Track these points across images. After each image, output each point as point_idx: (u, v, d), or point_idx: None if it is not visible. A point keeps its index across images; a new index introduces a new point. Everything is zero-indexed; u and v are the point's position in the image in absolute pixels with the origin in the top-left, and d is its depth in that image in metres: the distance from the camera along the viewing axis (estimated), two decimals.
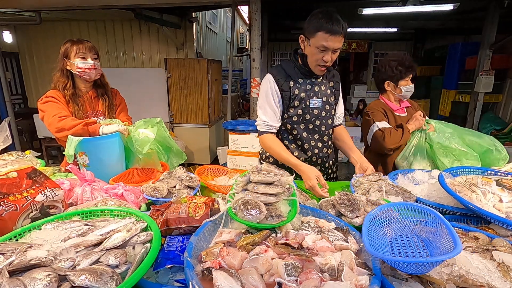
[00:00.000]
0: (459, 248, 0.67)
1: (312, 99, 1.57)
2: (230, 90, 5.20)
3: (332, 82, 1.65)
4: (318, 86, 1.58)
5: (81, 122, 1.56)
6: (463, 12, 5.84)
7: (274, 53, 10.07)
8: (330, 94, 1.62)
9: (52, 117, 1.58)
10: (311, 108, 1.58)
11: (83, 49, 1.68)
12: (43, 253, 0.71)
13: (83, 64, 1.68)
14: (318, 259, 0.76)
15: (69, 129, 1.54)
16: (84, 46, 1.69)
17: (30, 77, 6.23)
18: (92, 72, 1.72)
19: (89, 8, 4.57)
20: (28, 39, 5.94)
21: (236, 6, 4.93)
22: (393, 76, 1.87)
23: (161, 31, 5.63)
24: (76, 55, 1.68)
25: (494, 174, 1.33)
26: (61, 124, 1.56)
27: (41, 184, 1.06)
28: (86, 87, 1.79)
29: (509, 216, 1.03)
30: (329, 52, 1.42)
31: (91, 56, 1.71)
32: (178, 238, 0.93)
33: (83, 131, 1.54)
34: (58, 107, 1.64)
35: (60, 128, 1.56)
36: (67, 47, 1.69)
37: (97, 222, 0.90)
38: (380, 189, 1.26)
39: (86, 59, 1.69)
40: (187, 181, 1.34)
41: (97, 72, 1.74)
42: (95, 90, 1.82)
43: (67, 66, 1.70)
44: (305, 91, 1.56)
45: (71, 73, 1.72)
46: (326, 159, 1.73)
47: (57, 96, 1.68)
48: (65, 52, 1.69)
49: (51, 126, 1.59)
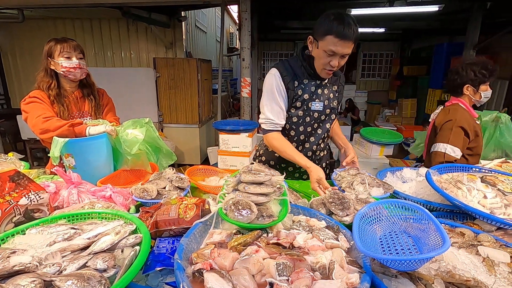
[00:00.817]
0: (448, 244, 0.68)
1: (314, 102, 1.52)
2: (220, 90, 5.18)
3: (336, 86, 1.61)
4: (321, 89, 1.54)
5: (67, 123, 1.51)
6: (448, 13, 5.99)
7: (264, 52, 10.10)
8: (332, 98, 1.58)
9: (36, 118, 1.53)
10: (312, 111, 1.54)
11: (67, 48, 1.63)
12: (27, 258, 0.69)
13: (68, 64, 1.63)
14: (309, 258, 0.77)
15: (54, 130, 1.50)
16: (68, 45, 1.64)
17: (13, 77, 6.04)
18: (77, 72, 1.67)
19: (74, 6, 4.47)
20: (11, 38, 5.76)
21: (226, 5, 4.92)
22: (475, 79, 1.80)
23: (149, 30, 5.55)
24: (60, 54, 1.62)
25: (478, 171, 1.36)
26: (45, 125, 1.51)
27: (24, 187, 1.02)
28: (72, 87, 1.74)
29: (493, 211, 1.06)
30: (337, 57, 1.36)
31: (76, 55, 1.66)
32: (168, 240, 0.92)
33: (68, 132, 1.50)
34: (42, 107, 1.59)
35: (45, 129, 1.51)
36: (51, 45, 1.64)
37: (84, 226, 0.88)
38: (363, 182, 1.30)
39: (70, 58, 1.64)
40: (177, 182, 1.33)
41: (82, 71, 1.69)
42: (81, 90, 1.77)
43: (51, 66, 1.65)
44: (308, 93, 1.51)
45: (56, 72, 1.67)
46: (319, 161, 1.74)
47: (41, 97, 1.62)
48: (48, 51, 1.64)
49: (35, 128, 1.54)
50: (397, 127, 6.81)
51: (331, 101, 1.58)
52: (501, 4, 5.05)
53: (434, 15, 6.13)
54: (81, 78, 1.73)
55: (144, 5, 4.61)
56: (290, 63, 1.53)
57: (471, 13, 5.30)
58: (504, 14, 5.24)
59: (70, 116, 1.70)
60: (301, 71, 1.51)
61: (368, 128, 4.07)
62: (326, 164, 1.82)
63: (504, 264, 0.80)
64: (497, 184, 1.18)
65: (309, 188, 1.53)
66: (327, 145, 1.82)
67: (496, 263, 0.80)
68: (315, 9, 7.83)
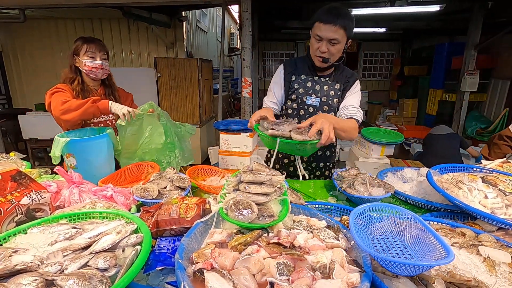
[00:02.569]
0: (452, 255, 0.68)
1: (310, 96, 1.57)
2: (221, 90, 5.19)
3: (339, 84, 1.58)
4: (319, 85, 1.58)
5: (88, 100, 1.54)
6: (448, 13, 5.98)
7: (265, 52, 10.10)
8: (333, 95, 1.58)
9: (56, 102, 1.58)
10: (307, 105, 1.58)
11: (92, 48, 1.70)
12: (29, 257, 0.69)
13: (91, 63, 1.70)
14: (310, 257, 0.77)
15: (76, 109, 1.52)
16: (94, 45, 1.72)
17: (15, 77, 6.06)
18: (99, 72, 1.74)
19: (75, 6, 4.48)
20: (12, 38, 5.77)
21: (227, 5, 4.92)
22: None
23: (150, 30, 5.56)
24: (85, 54, 1.69)
25: (479, 171, 1.36)
26: (65, 106, 1.53)
27: (26, 186, 1.03)
28: (94, 85, 1.82)
29: (494, 212, 1.06)
30: (323, 42, 1.42)
31: (100, 56, 1.74)
32: (169, 240, 0.92)
33: (93, 108, 1.55)
34: (65, 95, 1.64)
35: (65, 109, 1.53)
36: (78, 44, 1.71)
37: (85, 225, 0.88)
38: (364, 182, 1.30)
39: (94, 58, 1.71)
40: (178, 182, 1.33)
41: (104, 72, 1.77)
42: (104, 89, 1.85)
43: (76, 63, 1.72)
44: (304, 87, 1.58)
45: (79, 70, 1.74)
46: (313, 158, 1.72)
47: (66, 88, 1.68)
48: (75, 49, 1.71)
49: (55, 110, 1.56)
50: (398, 127, 6.81)
51: (331, 98, 1.58)
52: (502, 4, 5.04)
53: (435, 15, 6.12)
54: (102, 77, 1.80)
55: (145, 5, 4.62)
56: (297, 59, 1.65)
57: (472, 13, 5.29)
58: (505, 14, 5.23)
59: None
60: (303, 67, 1.60)
61: (369, 128, 4.07)
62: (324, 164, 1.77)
63: (505, 264, 0.80)
64: (498, 184, 1.18)
65: (309, 188, 1.54)
66: (331, 148, 1.77)
67: (497, 263, 0.80)
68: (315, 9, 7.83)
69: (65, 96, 1.62)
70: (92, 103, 1.55)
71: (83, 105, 1.53)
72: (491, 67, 5.94)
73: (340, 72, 1.60)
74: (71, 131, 1.62)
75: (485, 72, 5.84)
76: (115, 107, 1.59)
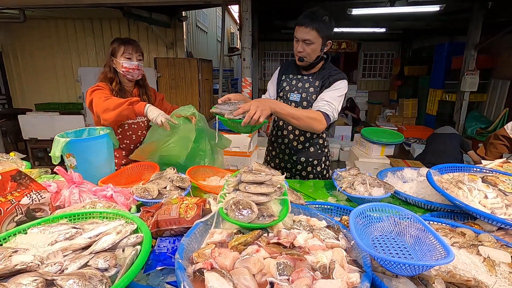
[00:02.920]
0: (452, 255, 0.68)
1: (293, 93, 1.72)
2: (221, 90, 5.19)
3: (318, 82, 1.64)
4: (302, 83, 1.71)
5: (126, 101, 1.56)
6: (449, 13, 5.98)
7: (265, 52, 10.09)
8: (312, 92, 1.66)
9: (98, 99, 1.61)
10: (290, 101, 1.72)
11: (129, 49, 1.73)
12: (29, 257, 0.69)
13: (128, 64, 1.73)
14: (310, 257, 0.77)
15: (114, 108, 1.56)
16: (131, 46, 1.74)
17: (15, 77, 6.06)
18: (135, 73, 1.77)
19: (76, 6, 4.48)
20: (12, 38, 5.77)
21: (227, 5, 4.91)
22: None
23: (150, 30, 5.56)
24: (122, 55, 1.73)
25: (479, 172, 1.36)
26: (105, 104, 1.57)
27: (26, 186, 1.03)
28: (129, 86, 1.85)
29: (494, 212, 1.06)
30: (300, 43, 1.55)
31: (137, 57, 1.76)
32: (169, 240, 0.92)
33: (128, 111, 1.57)
34: (106, 93, 1.68)
35: (105, 108, 1.57)
36: (115, 46, 1.74)
37: (85, 225, 0.88)
38: (364, 182, 1.29)
39: (131, 59, 1.74)
40: (178, 182, 1.33)
41: (139, 72, 1.80)
42: (138, 89, 1.88)
43: (113, 64, 1.76)
44: (289, 85, 1.74)
45: (116, 70, 1.77)
46: (295, 152, 1.80)
47: (106, 87, 1.72)
48: (112, 50, 1.75)
49: (98, 107, 1.60)
50: (398, 127, 6.80)
51: (310, 94, 1.68)
52: (502, 4, 5.04)
53: (435, 15, 6.12)
54: (138, 78, 1.83)
55: (145, 5, 4.62)
56: (291, 61, 1.79)
57: (472, 13, 5.29)
58: (505, 14, 5.23)
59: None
60: (292, 67, 1.76)
61: (369, 128, 4.07)
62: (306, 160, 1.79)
63: (505, 264, 0.80)
64: (498, 184, 1.18)
65: (309, 188, 1.54)
66: (316, 144, 1.80)
67: (497, 263, 0.80)
68: None
69: (104, 93, 1.65)
70: (128, 105, 1.56)
71: (120, 106, 1.55)
72: (491, 67, 5.94)
73: (323, 71, 1.67)
74: (71, 131, 1.62)
75: (485, 72, 5.84)
76: (151, 113, 1.58)
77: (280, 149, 1.85)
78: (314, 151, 1.80)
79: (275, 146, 1.89)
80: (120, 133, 1.82)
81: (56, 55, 5.86)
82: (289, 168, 1.85)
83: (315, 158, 1.81)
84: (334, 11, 7.70)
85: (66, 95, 6.19)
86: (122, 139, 1.84)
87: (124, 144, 1.85)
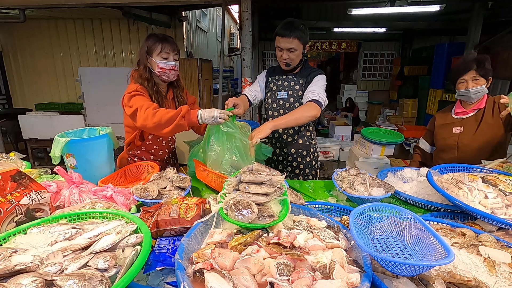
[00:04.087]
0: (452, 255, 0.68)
1: (280, 92, 1.88)
2: (221, 90, 5.18)
3: (302, 79, 1.84)
4: (287, 82, 1.88)
5: (178, 115, 1.41)
6: (449, 13, 5.98)
7: (265, 52, 10.08)
8: (298, 89, 1.85)
9: (146, 111, 1.44)
10: (278, 99, 1.90)
11: (167, 47, 1.57)
12: (28, 258, 0.69)
13: (164, 64, 1.58)
14: (310, 258, 0.77)
15: (166, 124, 1.41)
16: (169, 44, 1.58)
17: (15, 77, 6.06)
18: (172, 73, 1.63)
19: (76, 6, 4.47)
20: (12, 38, 5.77)
21: (226, 5, 4.91)
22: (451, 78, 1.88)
23: (150, 30, 5.56)
24: (159, 54, 1.57)
25: (479, 172, 1.36)
26: (157, 118, 1.42)
27: (26, 186, 1.03)
28: (163, 87, 1.71)
29: (494, 212, 1.06)
30: (284, 51, 1.72)
31: (173, 56, 1.61)
32: (169, 240, 0.92)
33: (182, 125, 1.43)
34: (148, 100, 1.54)
35: (157, 123, 1.42)
36: (150, 44, 1.58)
37: (85, 225, 0.88)
38: (364, 182, 1.29)
39: (168, 59, 1.59)
40: (177, 182, 1.33)
41: (175, 73, 1.66)
42: (172, 91, 1.76)
43: (148, 64, 1.61)
44: (276, 85, 1.91)
45: (151, 71, 1.63)
46: (285, 145, 1.94)
47: (143, 90, 1.58)
48: (148, 49, 1.58)
49: (147, 121, 1.44)
50: (398, 127, 6.80)
51: (296, 91, 1.85)
52: (502, 4, 5.04)
53: (435, 15, 6.12)
54: (173, 79, 1.69)
55: (144, 5, 4.62)
56: (276, 66, 1.97)
57: (472, 13, 5.29)
58: (505, 14, 5.22)
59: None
60: (277, 70, 1.94)
61: (369, 128, 4.06)
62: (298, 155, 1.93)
63: (505, 264, 0.80)
64: (498, 184, 1.18)
65: (309, 188, 1.54)
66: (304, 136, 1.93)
67: (497, 263, 0.80)
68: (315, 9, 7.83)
69: (148, 102, 1.51)
70: (180, 120, 1.41)
71: (173, 122, 1.40)
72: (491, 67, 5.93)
73: (304, 70, 1.86)
74: (71, 131, 1.61)
75: None
76: (207, 119, 1.43)
77: (271, 143, 1.98)
78: (303, 142, 1.95)
79: (266, 142, 1.97)
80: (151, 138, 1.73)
81: (56, 55, 5.87)
82: (280, 160, 2.00)
83: (304, 149, 1.96)
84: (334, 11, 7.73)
85: (66, 95, 6.20)
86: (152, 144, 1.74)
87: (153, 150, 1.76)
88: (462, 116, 1.82)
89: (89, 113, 4.77)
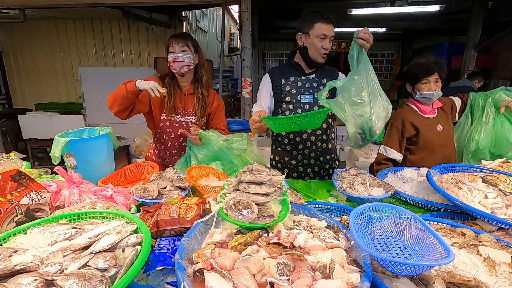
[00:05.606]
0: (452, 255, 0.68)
1: (303, 95, 1.68)
2: (221, 90, 5.19)
3: (325, 79, 1.69)
4: (309, 83, 1.69)
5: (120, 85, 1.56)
6: (449, 13, 5.98)
7: (265, 52, 10.09)
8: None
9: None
10: (302, 103, 1.68)
11: (173, 42, 1.63)
12: (28, 257, 0.69)
13: (170, 58, 1.65)
14: (310, 257, 0.77)
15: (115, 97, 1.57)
16: (176, 39, 1.65)
17: (15, 77, 6.06)
18: (176, 65, 1.64)
19: (76, 6, 4.48)
20: (12, 38, 5.78)
21: (226, 5, 4.92)
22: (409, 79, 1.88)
23: (150, 30, 5.56)
24: (169, 49, 1.66)
25: (479, 172, 1.36)
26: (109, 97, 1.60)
27: (26, 186, 1.03)
28: (184, 82, 1.76)
29: (494, 212, 1.06)
30: (327, 40, 1.58)
31: (179, 48, 1.63)
32: (169, 240, 0.92)
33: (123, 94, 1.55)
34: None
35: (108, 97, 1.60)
36: (167, 43, 1.70)
37: (85, 225, 0.88)
38: (364, 182, 1.29)
39: (174, 52, 1.63)
40: (177, 182, 1.33)
41: (180, 64, 1.64)
42: (193, 86, 1.77)
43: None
44: (295, 87, 1.68)
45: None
46: (321, 153, 1.78)
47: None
48: (167, 47, 1.69)
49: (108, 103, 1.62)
50: None
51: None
52: (502, 4, 5.04)
53: (435, 15, 6.13)
54: (182, 71, 1.68)
55: (145, 5, 4.62)
56: (281, 66, 1.77)
57: (472, 13, 5.29)
58: (505, 14, 5.22)
59: (174, 111, 1.75)
60: (289, 70, 1.71)
61: None
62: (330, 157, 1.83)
63: (505, 264, 0.80)
64: (498, 184, 1.18)
65: (309, 188, 1.54)
66: (332, 140, 1.83)
67: (497, 263, 0.80)
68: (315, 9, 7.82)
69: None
70: (122, 85, 1.56)
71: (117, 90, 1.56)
72: (491, 67, 5.94)
73: (322, 69, 1.72)
74: (71, 131, 1.61)
75: (485, 72, 5.84)
76: (142, 84, 1.55)
77: (303, 156, 1.77)
78: (332, 146, 1.84)
79: (294, 155, 1.79)
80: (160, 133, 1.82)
81: (56, 55, 5.87)
82: (317, 172, 1.82)
83: (333, 152, 1.85)
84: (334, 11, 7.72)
85: (66, 95, 6.20)
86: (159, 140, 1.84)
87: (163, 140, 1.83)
88: (433, 115, 1.82)
89: (89, 113, 4.78)
